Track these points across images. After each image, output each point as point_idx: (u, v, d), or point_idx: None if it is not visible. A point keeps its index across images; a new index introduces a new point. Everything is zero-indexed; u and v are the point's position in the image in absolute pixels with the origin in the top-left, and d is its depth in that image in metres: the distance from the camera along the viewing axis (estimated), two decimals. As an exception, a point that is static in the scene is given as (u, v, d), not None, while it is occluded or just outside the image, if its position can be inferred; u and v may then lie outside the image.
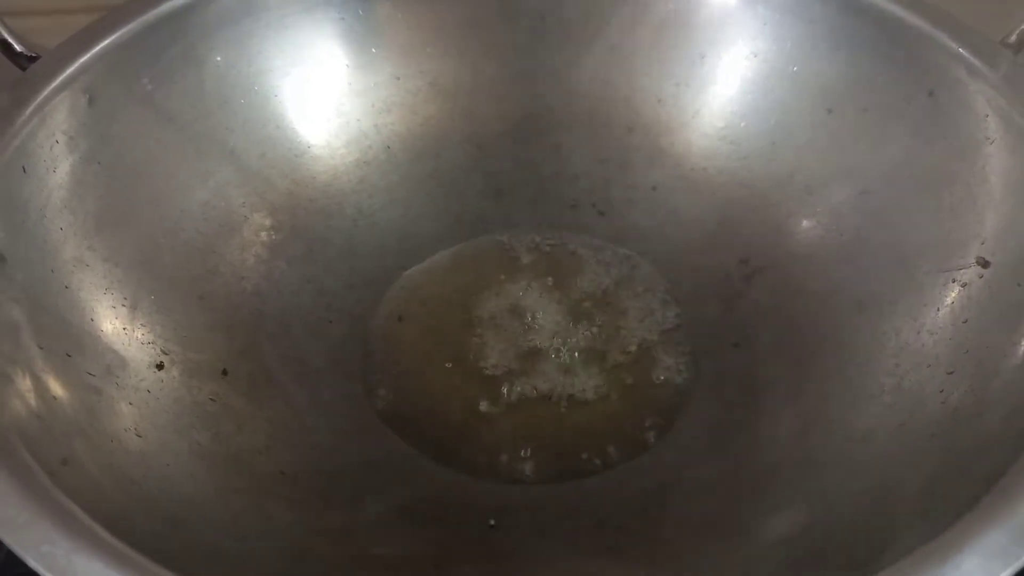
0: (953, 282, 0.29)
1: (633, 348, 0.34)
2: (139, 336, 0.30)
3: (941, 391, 0.27)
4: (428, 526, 0.29)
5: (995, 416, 0.25)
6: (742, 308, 0.34)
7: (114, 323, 0.30)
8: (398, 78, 0.38)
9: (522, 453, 0.31)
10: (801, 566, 0.24)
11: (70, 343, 0.28)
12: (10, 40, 0.31)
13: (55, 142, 0.29)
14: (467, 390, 0.33)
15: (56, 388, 0.26)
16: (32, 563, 0.19)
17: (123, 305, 0.30)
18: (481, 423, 0.32)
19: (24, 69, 0.30)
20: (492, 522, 0.29)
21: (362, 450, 0.31)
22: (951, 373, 0.27)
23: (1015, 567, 0.18)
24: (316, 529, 0.28)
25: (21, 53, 0.31)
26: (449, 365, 0.33)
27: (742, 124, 0.37)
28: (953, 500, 0.21)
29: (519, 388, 0.32)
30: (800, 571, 0.24)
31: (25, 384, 0.25)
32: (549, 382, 0.33)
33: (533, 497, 0.30)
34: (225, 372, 0.31)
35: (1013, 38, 0.31)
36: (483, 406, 0.32)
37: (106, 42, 0.31)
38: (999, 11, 0.32)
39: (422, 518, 0.29)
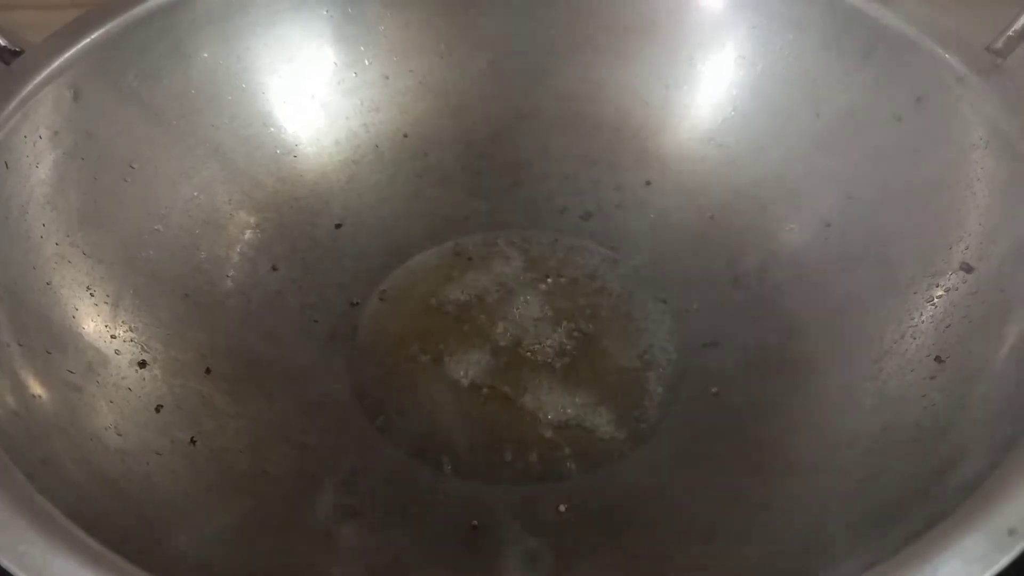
0: (937, 287, 0.30)
1: (619, 350, 0.34)
2: (121, 334, 0.30)
3: (923, 396, 0.27)
4: (412, 526, 0.29)
5: (976, 421, 0.25)
6: (729, 310, 0.34)
7: (96, 320, 0.29)
8: (387, 77, 0.38)
9: (506, 455, 0.31)
10: (781, 568, 0.24)
11: (51, 340, 0.27)
12: (-6, 34, 0.31)
13: (39, 137, 0.29)
14: (453, 391, 0.32)
15: (36, 386, 0.26)
16: (7, 563, 0.19)
17: (105, 302, 0.30)
18: (465, 423, 0.32)
19: (8, 64, 0.30)
20: (475, 523, 0.29)
21: (347, 450, 0.31)
22: (933, 378, 0.28)
23: (993, 571, 0.18)
24: (299, 529, 0.28)
25: (5, 47, 0.31)
26: (435, 365, 0.33)
27: (730, 127, 0.37)
28: (934, 505, 0.21)
29: (504, 389, 0.32)
30: (780, 572, 0.24)
31: (4, 382, 0.25)
32: (534, 383, 0.33)
33: (516, 498, 0.30)
34: (208, 371, 0.31)
35: (999, 44, 0.31)
36: (468, 407, 0.32)
37: (92, 37, 0.31)
38: (985, 17, 0.32)
39: (405, 518, 0.29)
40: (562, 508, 0.29)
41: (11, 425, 0.23)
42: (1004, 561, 0.18)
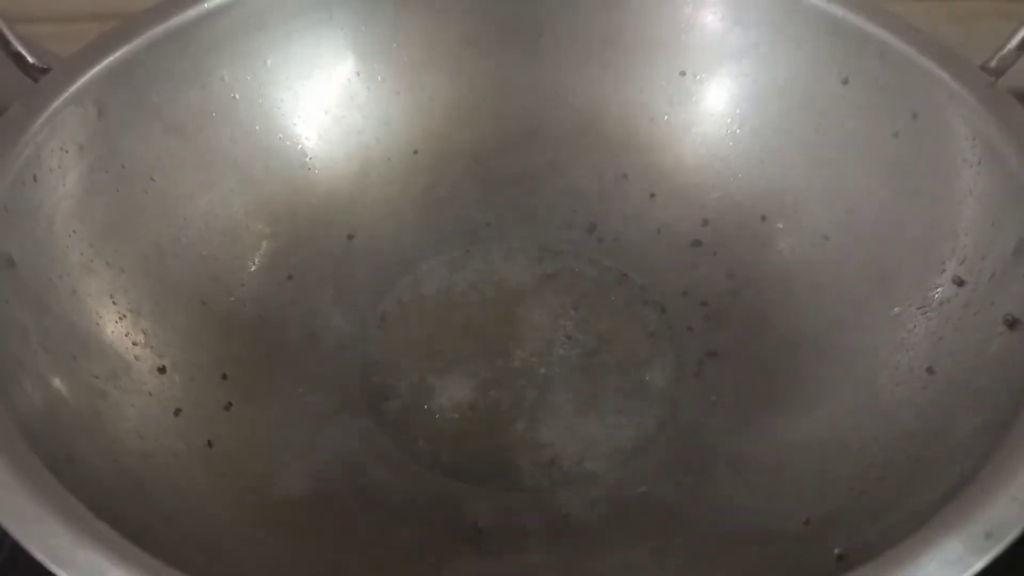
0: (930, 300, 0.30)
1: (622, 359, 0.34)
2: (142, 340, 0.31)
3: (914, 406, 0.28)
4: (418, 529, 0.29)
5: (964, 431, 0.25)
6: (729, 321, 0.35)
7: (118, 327, 0.31)
8: (398, 92, 0.39)
9: (512, 462, 0.31)
10: (773, 570, 0.25)
11: (76, 346, 0.29)
12: (23, 52, 0.32)
13: (65, 152, 0.30)
14: (459, 399, 0.33)
15: (62, 390, 0.27)
16: (38, 555, 0.20)
17: (128, 310, 0.31)
18: (474, 431, 0.32)
19: (36, 80, 0.31)
20: (481, 526, 0.29)
21: (357, 454, 0.32)
22: (925, 389, 0.28)
23: (969, 574, 0.19)
24: (311, 531, 0.29)
25: (33, 65, 0.32)
26: (443, 375, 0.34)
27: (732, 142, 0.37)
28: (919, 511, 0.22)
29: (511, 397, 0.33)
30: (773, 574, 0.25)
31: (32, 384, 0.26)
32: (539, 390, 0.33)
33: (521, 504, 0.30)
34: (225, 376, 0.32)
35: (994, 62, 0.32)
36: (476, 415, 0.33)
37: (116, 55, 0.32)
38: (981, 35, 0.33)
39: (413, 521, 0.30)
40: (565, 513, 0.30)
41: (39, 425, 0.24)
42: (979, 564, 0.19)
